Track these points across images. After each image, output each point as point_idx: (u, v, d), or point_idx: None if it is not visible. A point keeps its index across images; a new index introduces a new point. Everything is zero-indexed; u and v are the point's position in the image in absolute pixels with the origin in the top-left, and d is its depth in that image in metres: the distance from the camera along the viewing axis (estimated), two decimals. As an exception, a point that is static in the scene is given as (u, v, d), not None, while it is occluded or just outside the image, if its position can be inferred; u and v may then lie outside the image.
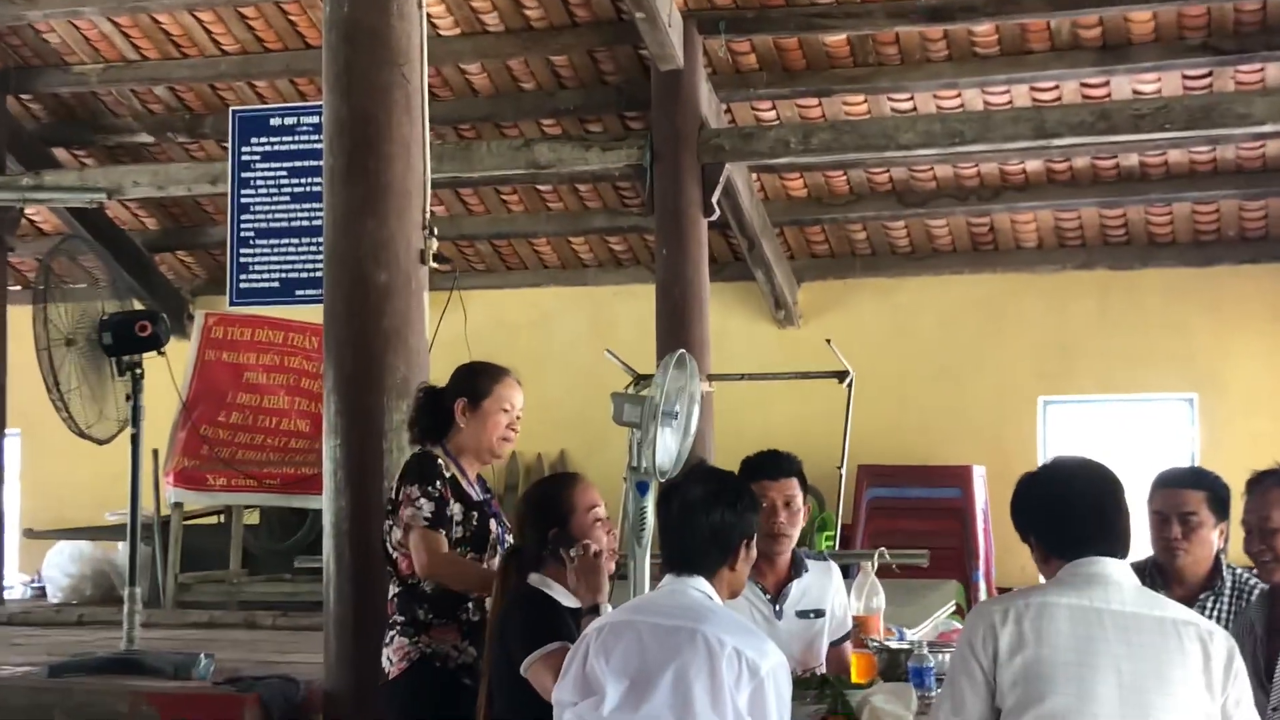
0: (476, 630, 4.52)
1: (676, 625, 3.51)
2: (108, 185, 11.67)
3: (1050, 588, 3.28)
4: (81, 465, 13.19)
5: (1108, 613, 3.20)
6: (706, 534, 3.65)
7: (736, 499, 3.72)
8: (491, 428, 4.67)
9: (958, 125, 10.41)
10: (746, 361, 12.52)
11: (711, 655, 3.43)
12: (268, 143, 9.86)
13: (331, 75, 5.96)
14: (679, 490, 3.77)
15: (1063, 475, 3.43)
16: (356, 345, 5.74)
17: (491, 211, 13.57)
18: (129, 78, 12.22)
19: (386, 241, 5.79)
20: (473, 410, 4.66)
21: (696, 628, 3.48)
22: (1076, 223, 12.93)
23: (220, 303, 10.66)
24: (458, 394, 4.70)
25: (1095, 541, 3.30)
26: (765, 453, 4.80)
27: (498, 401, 4.68)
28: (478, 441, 4.67)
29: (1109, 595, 3.23)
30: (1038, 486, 3.44)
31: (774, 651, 3.51)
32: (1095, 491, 3.35)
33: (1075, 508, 3.33)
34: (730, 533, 3.67)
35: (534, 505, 4.31)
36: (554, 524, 4.20)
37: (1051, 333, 13.13)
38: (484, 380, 4.72)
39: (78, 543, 12.05)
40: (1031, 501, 3.42)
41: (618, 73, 11.62)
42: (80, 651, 7.36)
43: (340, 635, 5.73)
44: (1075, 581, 3.26)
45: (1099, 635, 3.18)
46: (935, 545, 10.29)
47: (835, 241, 13.55)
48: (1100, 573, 3.26)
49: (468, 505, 4.60)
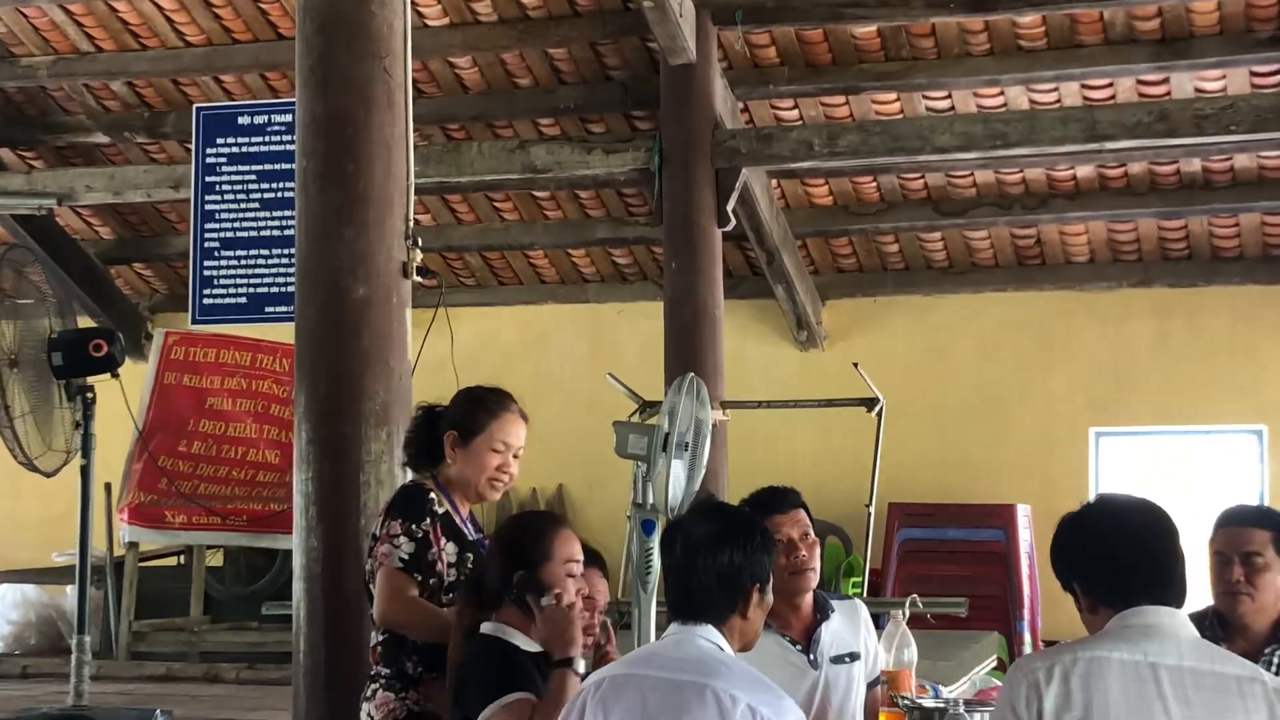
0: None
1: (683, 680, 3.49)
2: (58, 190, 11.72)
3: (1099, 641, 3.26)
4: (26, 500, 13.22)
5: (1163, 668, 3.19)
6: (713, 577, 3.62)
7: (747, 538, 3.69)
8: (479, 469, 4.64)
9: (1000, 126, 10.42)
10: (765, 387, 12.54)
11: (723, 713, 3.41)
12: (235, 143, 9.89)
13: (305, 69, 5.98)
14: (682, 528, 3.74)
15: (1109, 516, 3.41)
16: (331, 367, 5.75)
17: (482, 220, 13.59)
18: (82, 71, 12.26)
19: (365, 253, 5.80)
20: (462, 446, 4.65)
21: (706, 683, 3.46)
22: (1132, 235, 12.92)
23: (182, 320, 10.69)
24: (450, 424, 4.69)
25: (1148, 590, 3.28)
26: (764, 490, 4.80)
27: (489, 440, 4.65)
28: (465, 480, 4.66)
29: (1164, 649, 3.21)
30: (1082, 529, 3.41)
31: (792, 709, 3.49)
32: (1147, 534, 3.33)
33: (1125, 553, 3.31)
34: (739, 576, 3.65)
35: (506, 543, 4.29)
36: (522, 566, 4.17)
37: (1104, 357, 13.12)
38: (478, 414, 4.69)
39: (21, 586, 12.05)
40: (1075, 546, 3.40)
41: (623, 67, 11.65)
42: (24, 707, 7.36)
43: (311, 690, 5.71)
44: (1127, 634, 3.24)
45: (1153, 694, 3.16)
46: (975, 593, 10.29)
47: (864, 255, 13.55)
48: (1154, 624, 3.25)
49: (462, 546, 4.59)
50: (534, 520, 4.50)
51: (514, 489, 13.63)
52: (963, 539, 12.15)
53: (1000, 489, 12.71)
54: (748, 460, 10.74)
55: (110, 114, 12.87)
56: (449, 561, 4.54)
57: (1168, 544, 3.32)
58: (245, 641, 10.51)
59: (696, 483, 4.66)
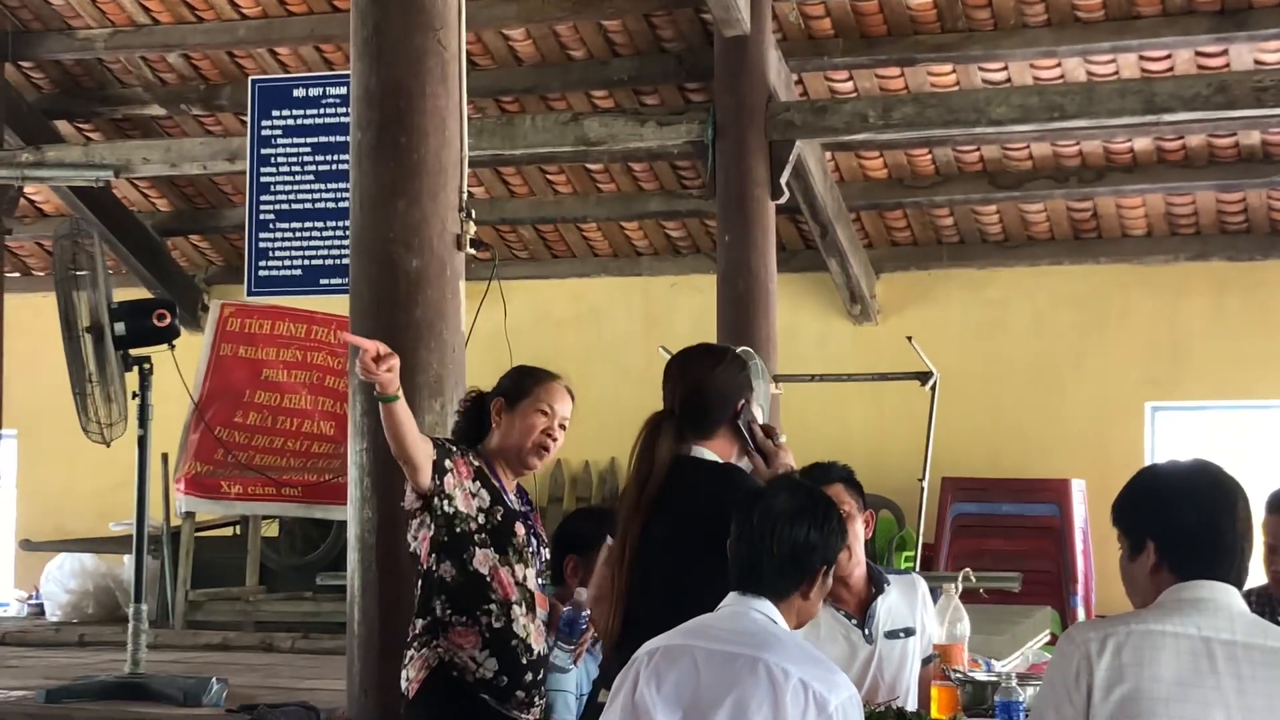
0: (500, 640, 4.55)
1: (736, 652, 3.50)
2: (115, 162, 11.79)
3: (1151, 613, 3.23)
4: (83, 470, 13.37)
5: (1217, 642, 3.16)
6: (786, 552, 3.61)
7: (826, 519, 3.68)
8: (525, 430, 4.67)
9: (1057, 98, 10.34)
10: (818, 361, 12.51)
11: (774, 686, 3.42)
12: (290, 115, 9.92)
13: (360, 41, 6.00)
14: (762, 499, 3.72)
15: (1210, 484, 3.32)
16: (385, 339, 5.72)
17: (536, 193, 13.61)
18: (139, 44, 12.33)
19: (419, 225, 5.81)
20: (509, 410, 4.70)
21: (758, 655, 3.47)
22: (1190, 208, 12.83)
23: (237, 292, 10.73)
24: (498, 393, 4.75)
25: (1214, 566, 3.23)
26: (811, 465, 4.80)
27: (535, 402, 4.69)
28: (511, 445, 4.68)
29: (1218, 623, 3.18)
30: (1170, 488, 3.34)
31: (845, 684, 3.49)
32: (1226, 511, 3.26)
33: (1202, 525, 3.24)
34: (812, 555, 3.63)
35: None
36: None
37: (1161, 331, 13.04)
38: (526, 380, 4.76)
39: (79, 556, 12.15)
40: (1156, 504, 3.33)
41: (677, 39, 11.63)
42: (81, 675, 7.44)
43: (365, 659, 5.75)
44: (1180, 607, 3.21)
45: (1207, 668, 3.14)
46: (1028, 568, 10.29)
47: (918, 228, 13.50)
48: (1208, 598, 3.21)
49: (495, 499, 4.62)
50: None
51: (566, 461, 13.87)
52: (1016, 514, 12.13)
53: (1055, 463, 12.67)
54: (801, 433, 10.67)
55: (166, 86, 12.95)
56: (480, 507, 4.59)
57: (1242, 524, 3.26)
58: (300, 611, 10.57)
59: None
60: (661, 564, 3.95)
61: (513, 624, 4.56)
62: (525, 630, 4.58)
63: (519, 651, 4.57)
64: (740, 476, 4.07)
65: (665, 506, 3.94)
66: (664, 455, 3.98)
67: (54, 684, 7.08)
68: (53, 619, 11.87)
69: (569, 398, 4.78)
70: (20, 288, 14.12)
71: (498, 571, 4.57)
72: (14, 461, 14.92)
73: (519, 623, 4.57)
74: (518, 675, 4.57)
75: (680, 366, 4.20)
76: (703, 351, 4.27)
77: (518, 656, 4.57)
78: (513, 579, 4.59)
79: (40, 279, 14.54)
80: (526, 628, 4.59)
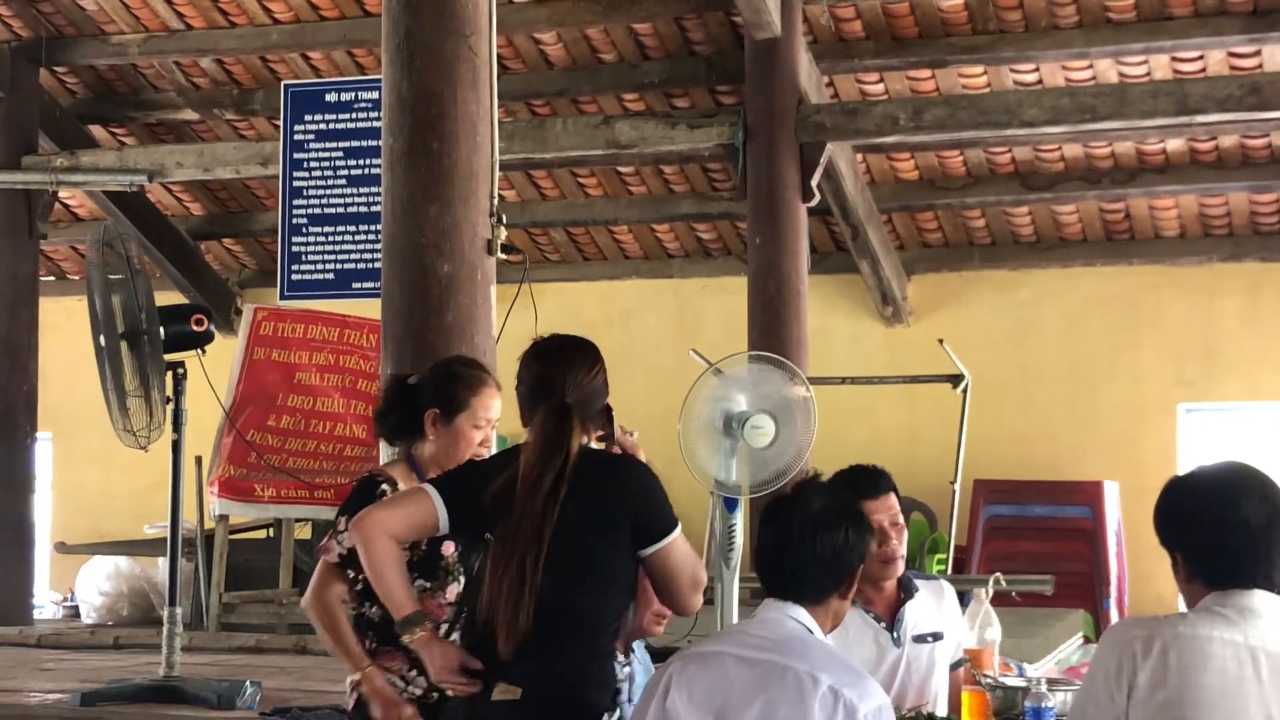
0: None
1: (766, 659, 3.50)
2: (149, 166, 11.87)
3: (1199, 618, 3.21)
4: (118, 473, 13.45)
5: (1262, 652, 3.14)
6: (828, 555, 3.60)
7: (859, 519, 3.69)
8: (464, 446, 4.63)
9: (1089, 100, 10.33)
10: (849, 363, 12.51)
11: (803, 694, 3.41)
12: (323, 120, 9.96)
13: (392, 46, 6.02)
14: (797, 504, 3.69)
15: (1221, 490, 3.29)
16: (417, 343, 5.80)
17: (567, 196, 13.63)
18: (172, 49, 12.40)
19: (451, 230, 5.84)
20: (444, 424, 4.64)
21: (789, 663, 3.46)
22: (1223, 209, 12.78)
23: (270, 296, 10.78)
24: (430, 402, 4.68)
25: (1254, 575, 3.21)
26: (856, 469, 4.76)
27: (472, 417, 4.65)
28: (446, 457, 4.64)
29: (1265, 633, 3.16)
30: (1193, 500, 3.32)
31: (876, 692, 3.48)
32: (1258, 516, 3.23)
33: (1234, 535, 3.22)
34: (851, 555, 3.63)
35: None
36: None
37: (1195, 332, 12.99)
38: (460, 390, 4.69)
39: (114, 558, 12.23)
40: (1181, 517, 3.32)
41: (708, 42, 11.63)
42: (116, 678, 7.47)
43: (398, 663, 5.76)
44: (1228, 615, 3.18)
45: (1251, 676, 3.12)
46: (1061, 570, 10.25)
47: (950, 229, 13.48)
48: (1254, 607, 3.19)
49: None
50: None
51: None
52: (1049, 516, 12.10)
53: (1087, 465, 12.63)
54: (831, 436, 10.67)
55: (200, 91, 13.01)
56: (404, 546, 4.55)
57: (1266, 523, 3.22)
58: (333, 614, 10.58)
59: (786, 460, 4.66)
60: (573, 553, 3.83)
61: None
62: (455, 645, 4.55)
63: None
64: (639, 467, 4.05)
65: (573, 496, 3.86)
66: (575, 446, 3.96)
67: (89, 687, 7.11)
68: (88, 621, 11.95)
69: (499, 396, 4.75)
70: (55, 291, 14.20)
71: (426, 600, 4.51)
72: (49, 464, 15.00)
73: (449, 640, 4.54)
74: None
75: (566, 357, 4.14)
76: (577, 343, 4.24)
77: None
78: (443, 600, 4.55)
79: (74, 283, 14.63)
80: (456, 643, 4.55)
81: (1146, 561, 11.46)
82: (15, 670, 8.54)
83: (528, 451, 3.86)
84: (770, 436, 5.18)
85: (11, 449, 11.97)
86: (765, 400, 4.94)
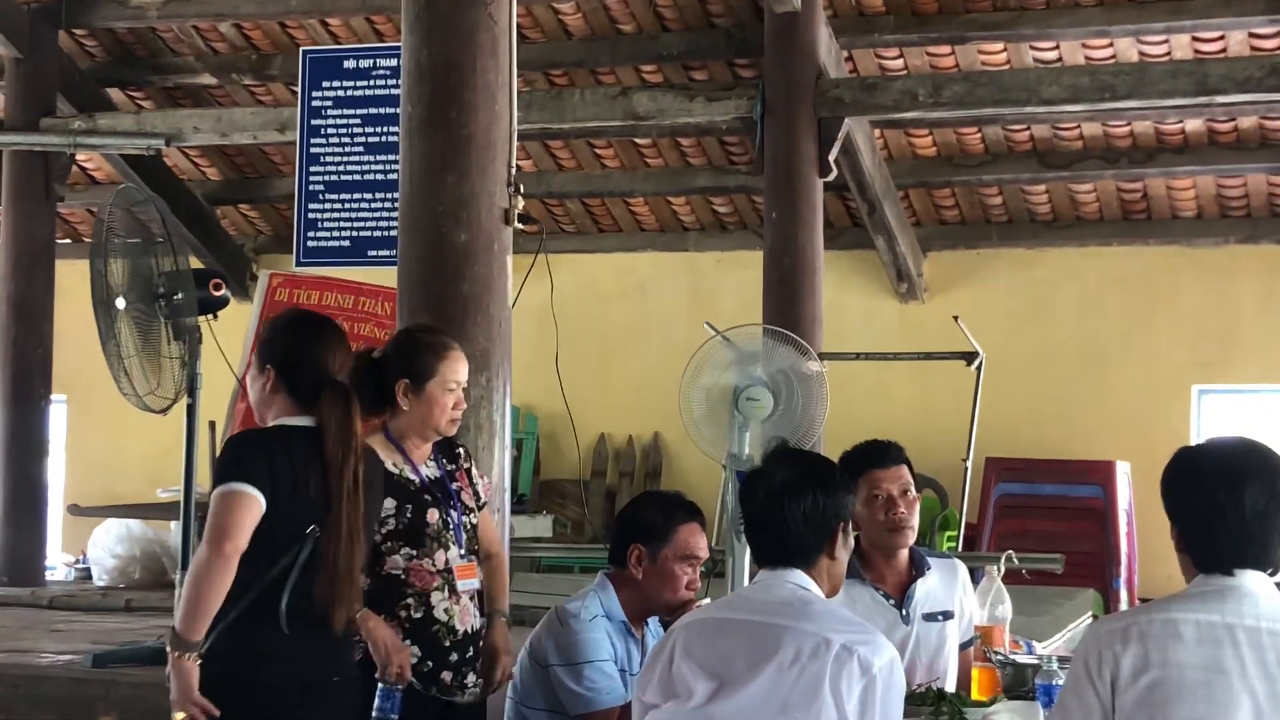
0: (420, 628, 4.60)
1: (772, 622, 3.54)
2: (166, 130, 11.88)
3: (1175, 602, 3.25)
4: (132, 437, 13.47)
5: (1240, 628, 3.17)
6: (800, 521, 3.66)
7: (828, 478, 3.74)
8: (438, 412, 4.69)
9: (1109, 79, 10.29)
10: (863, 339, 12.50)
11: (814, 653, 3.45)
12: (340, 87, 9.96)
13: (411, 14, 6.00)
14: (763, 476, 3.77)
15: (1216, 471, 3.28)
16: (432, 312, 5.79)
17: (584, 167, 13.61)
18: (191, 12, 12.37)
19: (467, 199, 5.83)
20: (415, 393, 4.69)
21: (796, 625, 3.50)
22: (1241, 190, 12.74)
23: (285, 262, 10.80)
24: (399, 373, 4.72)
25: (1241, 558, 3.23)
26: (867, 443, 4.80)
27: (442, 382, 4.70)
28: (423, 424, 4.70)
29: (1242, 609, 3.18)
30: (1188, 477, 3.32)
31: (886, 645, 3.53)
32: (1265, 498, 3.22)
33: (1234, 517, 3.22)
34: (825, 516, 3.68)
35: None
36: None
37: (1210, 314, 12.96)
38: (427, 358, 4.74)
39: (126, 521, 12.26)
40: (1176, 492, 3.34)
41: (727, 14, 11.60)
42: (127, 641, 7.51)
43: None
44: (1205, 595, 3.22)
45: (1231, 654, 3.15)
46: (1071, 549, 10.23)
47: (967, 207, 13.45)
48: (1234, 585, 3.22)
49: (401, 498, 4.62)
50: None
51: (609, 436, 13.90)
52: (1060, 494, 12.09)
53: (1100, 445, 12.62)
54: (845, 411, 10.69)
55: (218, 55, 12.99)
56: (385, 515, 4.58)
57: (1273, 509, 3.23)
58: (343, 580, 10.62)
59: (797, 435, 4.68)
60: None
61: (432, 610, 4.60)
62: (448, 614, 4.62)
63: (441, 636, 4.62)
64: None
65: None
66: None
67: (100, 649, 7.16)
68: (100, 583, 11.99)
69: (465, 359, 4.81)
70: (71, 254, 14.19)
71: (413, 567, 4.60)
72: (63, 427, 15.04)
73: (439, 609, 4.61)
74: (441, 658, 4.62)
75: (338, 339, 4.29)
76: (336, 325, 4.41)
77: (440, 641, 4.62)
78: (431, 567, 4.61)
79: (90, 246, 14.61)
80: (449, 610, 4.64)
81: (1157, 542, 11.43)
82: (27, 631, 8.59)
83: (330, 438, 4.04)
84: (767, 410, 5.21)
85: (26, 411, 11.99)
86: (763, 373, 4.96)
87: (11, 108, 12.25)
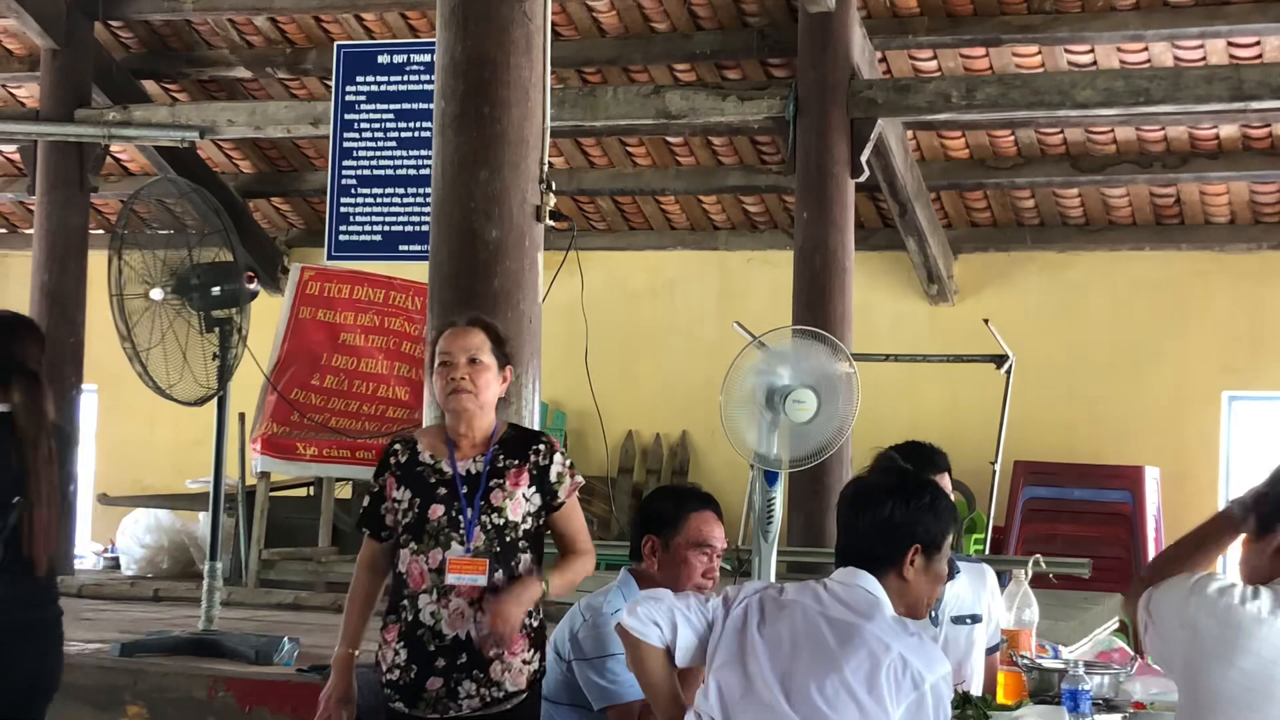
0: (410, 631, 4.57)
1: (841, 619, 3.61)
2: (201, 123, 11.90)
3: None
4: (162, 428, 13.55)
5: None
6: (871, 529, 3.73)
7: (913, 496, 3.76)
8: (439, 385, 4.68)
9: (1143, 83, 10.25)
10: (892, 340, 12.47)
11: (873, 657, 3.50)
12: (374, 82, 9.98)
13: (446, 10, 6.02)
14: (858, 478, 3.91)
15: None
16: (463, 307, 5.79)
17: (615, 165, 13.61)
18: (226, 5, 12.39)
19: (499, 195, 5.84)
20: (430, 373, 4.80)
21: (860, 624, 3.56)
22: (1275, 196, 12.68)
23: (317, 255, 10.82)
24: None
25: None
26: (911, 444, 4.79)
27: (435, 357, 4.72)
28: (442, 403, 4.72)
29: None
30: None
31: (942, 661, 3.58)
32: None
33: None
34: (898, 532, 3.71)
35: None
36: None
37: (1242, 320, 12.90)
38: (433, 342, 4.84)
39: (155, 512, 12.31)
40: None
41: (761, 14, 11.60)
42: (155, 630, 7.53)
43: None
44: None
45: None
46: (1099, 554, 10.21)
47: (999, 209, 13.42)
48: None
49: (416, 490, 4.63)
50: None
51: (637, 434, 13.89)
52: (1089, 499, 12.06)
53: (1129, 450, 12.57)
54: (874, 413, 10.66)
55: (253, 49, 13.03)
56: (402, 506, 4.64)
57: None
58: (370, 573, 10.64)
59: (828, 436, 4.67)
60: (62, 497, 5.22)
61: (419, 614, 4.55)
62: (434, 617, 4.53)
63: (425, 640, 4.54)
64: None
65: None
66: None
67: (129, 638, 7.17)
68: (128, 573, 12.04)
69: (458, 337, 4.70)
70: (104, 245, 14.23)
71: (412, 564, 4.59)
72: (94, 416, 15.11)
73: (424, 611, 4.54)
74: (427, 663, 4.53)
75: (28, 333, 5.24)
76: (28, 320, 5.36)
77: (424, 645, 4.54)
78: (424, 567, 4.57)
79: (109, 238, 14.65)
80: (435, 614, 4.54)
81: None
82: (56, 619, 8.60)
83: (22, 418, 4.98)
84: (811, 412, 5.18)
85: (57, 401, 12.00)
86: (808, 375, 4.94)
87: (47, 98, 12.30)
